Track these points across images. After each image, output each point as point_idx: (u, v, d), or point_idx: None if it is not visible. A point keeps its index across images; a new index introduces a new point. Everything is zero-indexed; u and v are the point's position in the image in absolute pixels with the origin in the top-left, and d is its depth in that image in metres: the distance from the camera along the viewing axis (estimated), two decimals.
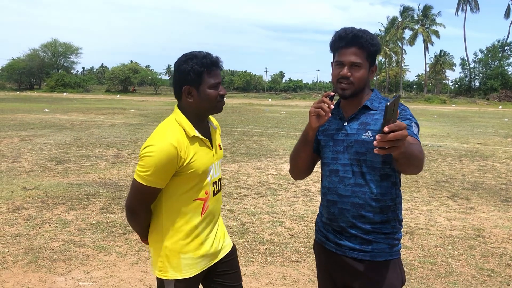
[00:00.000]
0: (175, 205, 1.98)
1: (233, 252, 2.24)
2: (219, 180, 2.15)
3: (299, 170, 2.12)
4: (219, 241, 2.16)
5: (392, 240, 1.94)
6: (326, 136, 2.02)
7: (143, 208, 2.00)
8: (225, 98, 2.07)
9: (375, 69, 1.98)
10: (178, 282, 2.01)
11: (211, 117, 2.18)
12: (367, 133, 1.88)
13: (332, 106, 1.84)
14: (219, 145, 2.18)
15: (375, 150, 1.49)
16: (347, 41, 1.89)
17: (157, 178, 1.89)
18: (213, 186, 2.08)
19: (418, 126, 1.89)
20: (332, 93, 1.88)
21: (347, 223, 1.93)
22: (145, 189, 1.91)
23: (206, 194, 2.03)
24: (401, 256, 2.01)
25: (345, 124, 1.96)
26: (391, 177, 1.92)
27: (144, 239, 2.13)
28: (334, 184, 1.96)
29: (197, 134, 1.99)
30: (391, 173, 1.91)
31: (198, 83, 1.94)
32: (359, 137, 1.89)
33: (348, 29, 1.91)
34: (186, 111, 2.00)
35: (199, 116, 2.03)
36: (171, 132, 1.94)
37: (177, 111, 2.02)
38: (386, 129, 1.43)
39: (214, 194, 2.09)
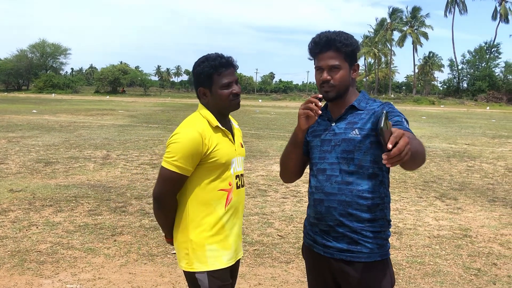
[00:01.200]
0: (200, 195, 2.05)
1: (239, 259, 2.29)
2: (242, 175, 2.22)
3: (290, 172, 2.14)
4: (240, 241, 2.22)
5: (381, 240, 1.93)
6: (314, 137, 2.03)
7: (170, 196, 2.06)
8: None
9: (357, 67, 2.00)
10: (211, 273, 2.04)
11: (232, 118, 2.29)
12: (354, 132, 1.89)
13: (321, 104, 1.87)
14: (241, 143, 2.27)
15: (387, 165, 1.50)
16: (322, 46, 1.92)
17: (184, 164, 1.98)
18: (236, 179, 2.15)
19: (407, 121, 1.92)
20: (320, 96, 1.91)
21: (334, 221, 1.92)
22: (172, 175, 2.00)
23: (230, 185, 2.11)
24: (390, 256, 2.01)
25: (333, 124, 1.97)
26: (378, 176, 1.92)
27: (169, 236, 2.17)
28: (321, 182, 1.97)
29: (219, 125, 2.09)
30: (379, 172, 1.92)
31: (210, 85, 2.07)
32: (346, 135, 1.91)
33: (322, 34, 1.94)
34: (208, 107, 2.12)
35: (219, 113, 2.12)
36: (196, 122, 2.07)
37: (201, 106, 2.14)
38: (389, 145, 1.45)
39: (238, 187, 2.16)
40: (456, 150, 12.80)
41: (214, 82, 2.05)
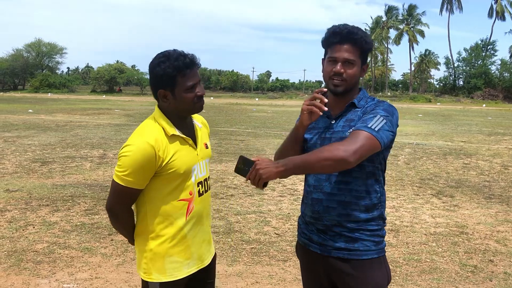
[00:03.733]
0: (159, 207, 1.94)
1: (214, 261, 2.20)
2: (206, 180, 2.09)
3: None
4: (206, 246, 2.12)
5: (378, 237, 1.94)
6: (313, 135, 2.00)
7: (124, 209, 1.96)
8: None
9: (366, 68, 1.96)
10: (162, 285, 1.96)
11: (196, 116, 2.13)
12: (351, 130, 1.86)
13: (326, 100, 1.82)
14: (206, 144, 2.11)
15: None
16: (342, 37, 1.87)
17: (135, 178, 1.86)
18: (198, 186, 2.02)
19: (387, 120, 1.82)
20: (325, 89, 1.86)
21: (332, 221, 1.91)
22: (124, 189, 1.88)
23: (190, 194, 1.98)
24: (386, 254, 2.01)
25: (332, 122, 1.95)
26: (375, 175, 1.92)
27: (131, 241, 2.09)
28: (320, 182, 1.94)
29: (177, 132, 1.94)
30: (375, 171, 1.92)
31: (173, 87, 1.88)
32: (344, 134, 1.88)
33: (343, 25, 1.89)
34: (166, 111, 1.96)
35: (179, 116, 1.98)
36: (149, 132, 1.90)
37: (157, 110, 1.98)
38: (246, 179, 1.79)
39: (200, 194, 2.03)
40: (452, 147, 12.83)
41: (178, 84, 1.87)
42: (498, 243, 4.92)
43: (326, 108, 1.82)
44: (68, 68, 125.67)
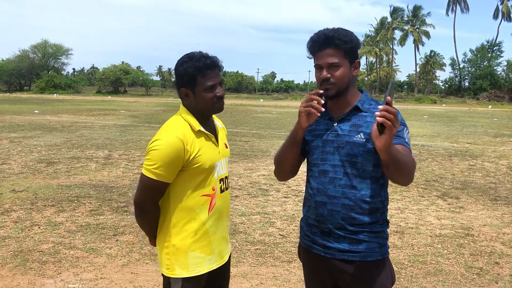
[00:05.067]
0: (183, 201, 2.00)
1: (230, 259, 2.24)
2: (226, 178, 2.16)
3: (285, 171, 2.10)
4: (225, 243, 2.17)
5: (382, 239, 1.94)
6: (314, 137, 1.99)
7: (152, 204, 2.00)
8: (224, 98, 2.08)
9: (358, 65, 1.95)
10: (185, 280, 2.00)
11: (216, 117, 2.21)
12: (359, 135, 1.87)
13: (323, 102, 1.83)
14: (225, 144, 2.20)
15: (378, 119, 1.57)
16: (320, 44, 1.89)
17: (165, 171, 1.92)
18: (220, 182, 2.09)
19: (407, 131, 1.91)
20: (321, 91, 1.87)
21: (335, 224, 1.91)
22: (153, 183, 1.94)
23: (213, 190, 2.04)
24: (390, 255, 2.02)
25: (335, 124, 1.94)
26: (380, 180, 1.92)
27: (152, 239, 2.12)
28: (323, 185, 1.93)
29: (202, 129, 2.02)
30: (380, 176, 1.92)
31: (193, 86, 1.98)
32: (351, 138, 1.88)
33: (320, 32, 1.91)
34: (190, 109, 2.04)
35: (202, 115, 2.05)
36: (177, 127, 1.98)
37: (182, 108, 2.07)
38: (389, 98, 1.57)
39: (221, 191, 2.10)
40: (458, 149, 12.78)
41: (198, 83, 1.96)
42: (504, 245, 4.89)
43: (323, 109, 1.82)
44: (73, 69, 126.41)
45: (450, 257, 4.52)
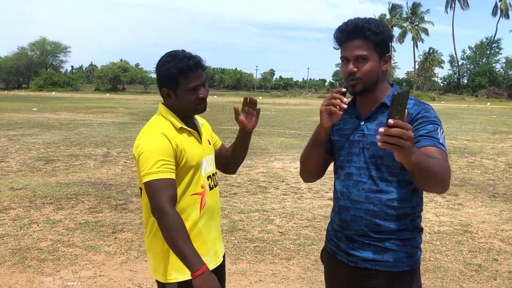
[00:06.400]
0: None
1: (224, 259, 2.20)
2: (214, 174, 2.11)
3: (310, 172, 1.96)
4: (219, 242, 2.13)
5: (410, 248, 1.77)
6: (341, 137, 1.86)
7: (173, 205, 1.83)
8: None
9: (388, 59, 1.78)
10: (181, 284, 1.93)
11: (197, 116, 2.15)
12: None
13: (346, 100, 1.67)
14: (208, 141, 2.14)
15: (378, 144, 1.39)
16: (348, 34, 1.74)
17: (164, 167, 1.83)
18: (208, 180, 2.04)
19: (441, 129, 1.72)
20: (344, 90, 1.70)
21: (359, 231, 1.78)
22: (161, 183, 1.80)
23: (202, 188, 2.00)
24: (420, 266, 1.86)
25: (362, 123, 1.80)
26: (411, 184, 1.74)
27: (200, 265, 1.77)
28: (347, 188, 1.81)
29: (184, 126, 1.98)
30: (411, 181, 1.72)
31: (175, 87, 1.92)
32: (376, 139, 1.74)
33: (350, 21, 1.75)
34: (171, 109, 2.00)
35: (183, 115, 2.01)
36: (158, 126, 1.94)
37: (162, 107, 2.01)
38: (391, 121, 1.34)
39: (210, 188, 2.05)
40: (456, 146, 12.79)
41: (180, 85, 1.90)
42: (503, 242, 4.90)
43: (345, 106, 1.66)
44: (72, 66, 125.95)
45: (449, 254, 4.53)
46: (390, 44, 1.78)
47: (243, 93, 69.29)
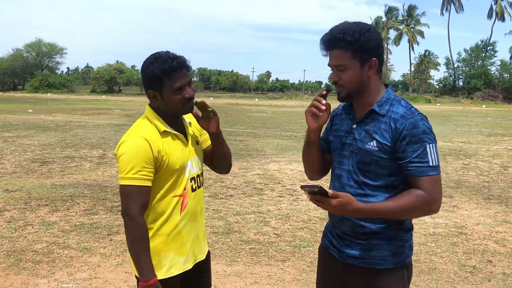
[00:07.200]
0: (154, 204, 1.95)
1: (208, 258, 2.21)
2: (198, 176, 2.10)
3: (312, 171, 2.04)
4: (201, 242, 2.14)
5: (396, 247, 1.83)
6: (336, 138, 1.92)
7: (142, 213, 1.90)
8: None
9: (374, 63, 1.77)
10: (160, 283, 1.95)
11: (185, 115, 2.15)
12: (372, 143, 1.76)
13: (324, 102, 1.78)
14: (196, 141, 2.14)
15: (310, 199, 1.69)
16: (326, 45, 1.80)
17: (140, 173, 1.86)
18: (191, 181, 2.04)
19: (435, 143, 1.73)
20: (324, 92, 1.82)
21: (347, 231, 1.87)
22: (134, 190, 1.86)
23: (185, 189, 2.00)
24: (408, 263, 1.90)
25: (354, 126, 1.85)
26: (396, 188, 1.79)
27: (147, 278, 1.89)
28: (336, 189, 1.84)
29: (168, 129, 1.97)
30: (398, 184, 1.79)
31: (160, 88, 1.92)
32: (363, 145, 1.78)
33: (330, 31, 1.79)
34: (157, 110, 2.00)
35: (170, 116, 2.01)
36: (142, 129, 1.95)
37: (148, 110, 2.02)
38: (330, 191, 1.66)
39: (193, 190, 2.05)
40: (452, 148, 12.84)
41: (165, 86, 1.90)
42: (497, 243, 4.92)
43: (323, 107, 1.79)
44: (68, 68, 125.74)
45: (444, 255, 4.55)
46: (378, 46, 1.78)
47: (240, 95, 69.35)
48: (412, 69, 75.17)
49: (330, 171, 1.99)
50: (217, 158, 2.21)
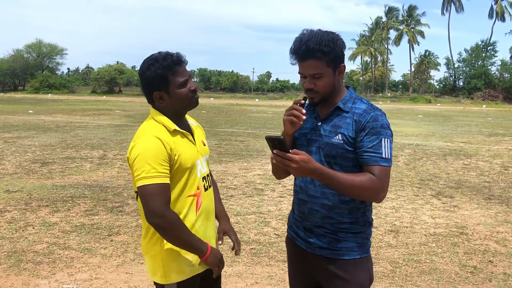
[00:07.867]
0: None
1: None
2: (208, 175, 2.13)
3: (280, 171, 2.10)
4: (215, 242, 2.17)
5: (361, 239, 1.96)
6: (300, 135, 2.01)
7: (169, 208, 1.88)
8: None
9: (343, 68, 1.91)
10: (180, 285, 1.97)
11: (189, 116, 2.17)
12: (337, 136, 1.88)
13: (304, 111, 1.85)
14: (203, 142, 2.16)
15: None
16: (300, 56, 1.85)
17: (158, 172, 1.84)
18: (203, 181, 2.07)
19: (390, 139, 1.86)
20: (303, 102, 1.89)
21: (315, 223, 1.96)
22: (156, 188, 1.83)
23: (198, 189, 2.02)
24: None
25: (319, 124, 1.96)
26: None
27: (205, 251, 1.95)
28: (305, 184, 1.98)
29: (177, 128, 1.98)
30: None
31: (166, 86, 1.93)
32: (330, 139, 1.89)
33: (302, 42, 1.83)
34: (163, 112, 2.00)
35: (177, 115, 2.02)
36: (151, 129, 1.95)
37: (153, 111, 2.02)
38: (273, 153, 1.75)
39: (205, 189, 2.07)
40: (452, 148, 12.83)
41: (170, 82, 1.91)
42: (498, 243, 4.92)
43: (305, 117, 1.86)
44: (68, 69, 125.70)
45: (445, 255, 4.54)
46: (344, 52, 1.89)
47: (240, 96, 69.38)
48: (413, 69, 75.21)
49: None
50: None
